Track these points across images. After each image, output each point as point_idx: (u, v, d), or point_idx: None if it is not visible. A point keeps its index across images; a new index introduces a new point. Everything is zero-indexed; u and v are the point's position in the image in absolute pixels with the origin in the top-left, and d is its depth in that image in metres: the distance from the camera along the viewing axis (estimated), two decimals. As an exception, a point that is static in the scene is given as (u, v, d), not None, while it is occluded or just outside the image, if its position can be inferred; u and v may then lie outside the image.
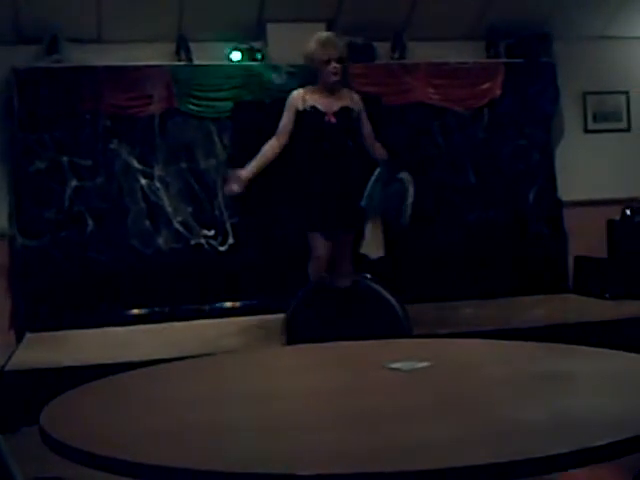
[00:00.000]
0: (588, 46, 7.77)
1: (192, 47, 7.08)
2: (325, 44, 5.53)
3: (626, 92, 7.95)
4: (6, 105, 6.76)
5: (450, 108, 7.46)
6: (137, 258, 6.91)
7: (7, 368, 5.30)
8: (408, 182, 5.59)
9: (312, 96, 5.57)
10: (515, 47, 7.62)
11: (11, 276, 6.87)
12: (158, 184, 6.97)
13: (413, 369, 2.28)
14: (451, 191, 7.47)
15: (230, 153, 7.04)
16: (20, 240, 6.73)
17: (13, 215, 6.83)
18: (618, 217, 7.49)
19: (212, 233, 7.06)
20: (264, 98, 7.03)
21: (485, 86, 7.52)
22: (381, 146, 5.74)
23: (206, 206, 7.06)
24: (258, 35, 7.19)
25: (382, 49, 7.44)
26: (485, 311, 6.68)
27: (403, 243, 7.26)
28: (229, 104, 7.05)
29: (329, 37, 5.65)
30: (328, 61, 5.49)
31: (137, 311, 6.89)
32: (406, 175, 5.60)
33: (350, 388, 2.19)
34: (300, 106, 5.54)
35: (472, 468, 1.53)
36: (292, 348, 2.98)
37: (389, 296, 3.17)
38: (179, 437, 1.83)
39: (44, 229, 6.75)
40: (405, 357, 2.37)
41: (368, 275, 3.35)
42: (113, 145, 6.89)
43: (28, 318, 6.71)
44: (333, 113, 5.54)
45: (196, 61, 7.10)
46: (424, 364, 2.31)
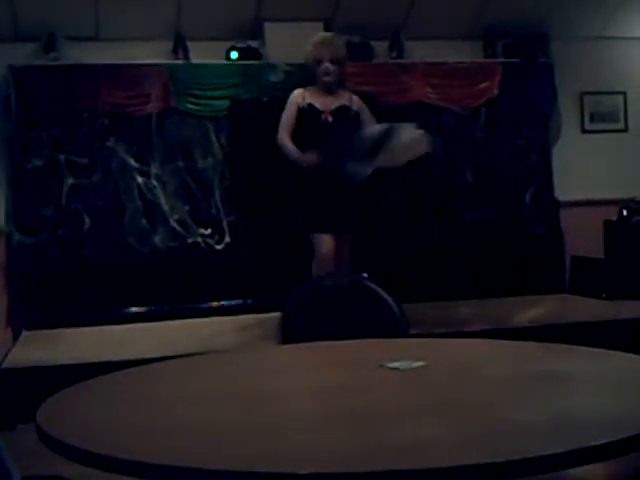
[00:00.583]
0: (586, 46, 7.78)
1: (190, 46, 7.07)
2: (318, 45, 5.54)
3: (624, 92, 7.95)
4: (3, 103, 6.75)
5: (447, 108, 7.46)
6: (134, 256, 6.90)
7: (4, 366, 5.29)
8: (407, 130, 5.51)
9: (311, 95, 5.57)
10: (513, 47, 7.62)
11: (8, 273, 6.86)
12: (155, 182, 6.97)
13: (410, 368, 2.28)
14: (448, 190, 7.47)
15: (227, 152, 7.04)
16: (17, 237, 6.72)
17: (10, 212, 6.82)
18: (615, 217, 7.49)
19: (209, 232, 7.06)
20: (261, 97, 7.03)
21: (482, 86, 7.52)
22: None
23: (203, 205, 7.06)
24: (256, 34, 7.19)
25: (380, 48, 7.43)
26: (482, 311, 6.68)
27: (401, 242, 7.28)
28: (226, 103, 7.04)
29: (324, 38, 5.66)
30: (320, 61, 5.51)
31: (134, 309, 6.88)
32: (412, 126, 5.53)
33: (347, 387, 2.19)
34: (300, 103, 5.54)
35: (469, 467, 1.53)
36: (289, 347, 2.98)
37: (386, 295, 3.17)
38: (176, 436, 1.83)
39: (41, 227, 6.75)
40: (402, 356, 2.37)
41: (365, 274, 3.34)
42: (110, 143, 6.89)
43: (25, 316, 6.71)
44: (330, 112, 5.54)
45: (194, 60, 7.10)
46: (421, 363, 2.31)
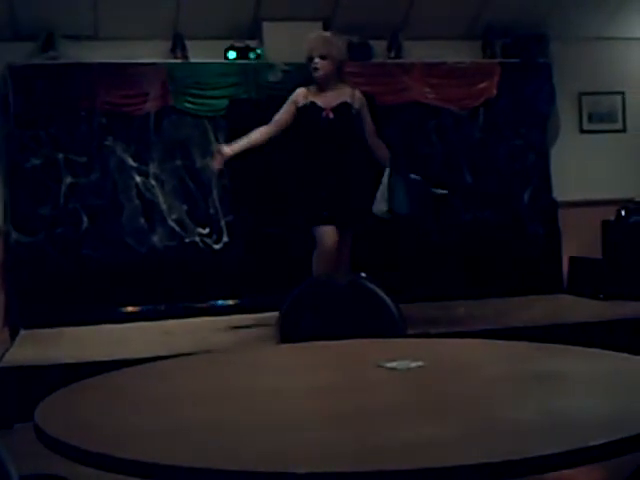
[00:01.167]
0: (584, 47, 7.79)
1: (188, 45, 7.08)
2: (309, 42, 5.58)
3: (622, 93, 7.96)
4: (1, 102, 6.76)
5: (446, 108, 7.47)
6: (132, 256, 6.91)
7: (1, 365, 5.28)
8: (422, 184, 5.59)
9: (313, 94, 5.57)
10: (511, 47, 7.63)
11: (5, 272, 6.86)
12: (153, 182, 6.97)
13: (408, 369, 2.28)
14: (447, 190, 7.47)
15: (226, 151, 7.04)
16: (15, 236, 6.72)
17: (8, 211, 6.83)
18: (613, 218, 7.50)
19: (207, 231, 7.06)
20: (260, 96, 7.04)
21: (481, 86, 7.53)
22: (385, 148, 5.66)
23: (201, 204, 7.06)
24: (254, 33, 7.19)
25: (378, 48, 7.44)
26: (479, 311, 6.69)
27: (399, 242, 7.27)
28: (225, 102, 7.05)
29: (316, 35, 5.69)
30: (311, 58, 5.52)
31: (131, 308, 6.89)
32: (417, 177, 5.60)
33: (345, 387, 2.19)
34: (300, 102, 5.54)
35: (468, 467, 1.53)
36: (286, 347, 2.98)
37: (384, 295, 3.17)
38: (175, 435, 1.83)
39: (39, 225, 6.75)
40: (400, 356, 2.37)
41: (363, 274, 3.35)
42: (108, 142, 6.90)
43: (22, 315, 6.71)
44: (331, 109, 5.53)
45: (192, 59, 7.11)
46: (419, 364, 2.31)
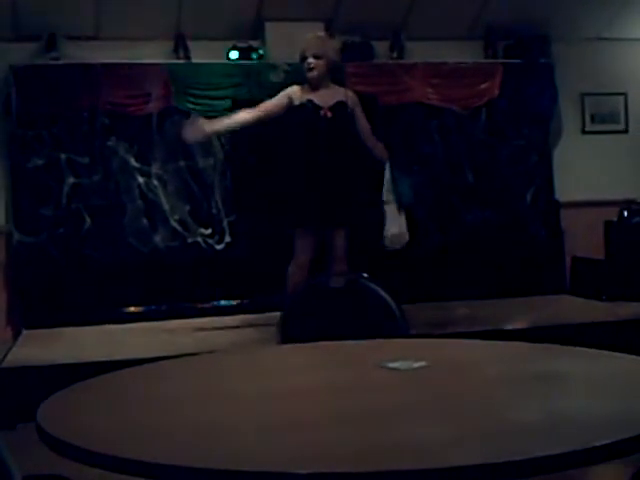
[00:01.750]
0: (586, 47, 7.78)
1: (190, 45, 7.08)
2: (304, 42, 5.61)
3: (624, 94, 7.95)
4: (4, 102, 6.76)
5: (448, 108, 7.46)
6: (134, 256, 6.90)
7: (3, 365, 5.29)
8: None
9: (308, 93, 5.58)
10: (513, 48, 7.63)
11: (8, 272, 6.87)
12: (155, 182, 6.97)
13: (410, 369, 2.28)
14: (448, 191, 7.48)
15: (228, 152, 7.04)
16: (17, 236, 6.72)
17: (10, 211, 6.83)
18: (615, 218, 7.49)
19: (209, 232, 7.06)
20: (262, 97, 6.99)
21: (483, 86, 7.52)
22: (383, 146, 5.68)
23: (203, 204, 7.06)
24: (256, 34, 7.19)
25: (380, 48, 7.44)
26: (482, 311, 6.68)
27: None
28: (227, 102, 7.04)
29: (313, 35, 5.71)
30: (305, 57, 5.54)
31: (134, 309, 6.89)
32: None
33: (347, 387, 2.19)
34: (296, 100, 5.54)
35: (469, 468, 1.53)
36: (288, 347, 2.98)
37: (386, 295, 3.17)
38: (176, 435, 1.83)
39: (41, 226, 6.75)
40: (402, 357, 2.37)
41: (365, 274, 3.34)
42: (111, 143, 6.90)
43: (25, 315, 6.71)
44: (329, 108, 5.55)
45: (194, 59, 7.11)
46: (421, 364, 2.31)
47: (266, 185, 6.82)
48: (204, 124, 5.51)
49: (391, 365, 2.30)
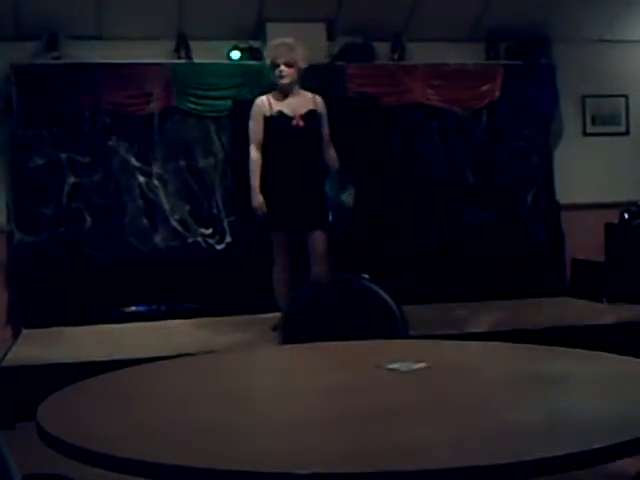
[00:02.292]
0: (588, 49, 7.78)
1: (192, 45, 7.08)
2: (274, 48, 5.70)
3: (625, 95, 7.95)
4: (5, 101, 6.76)
5: (449, 109, 7.46)
6: (134, 255, 6.90)
7: (3, 364, 5.29)
8: (352, 196, 5.72)
9: (276, 102, 5.70)
10: (515, 49, 7.63)
11: (8, 272, 6.87)
12: (156, 182, 6.97)
13: (410, 370, 2.28)
14: (449, 192, 7.47)
15: (228, 152, 7.04)
16: (18, 236, 6.72)
17: (11, 211, 6.83)
18: (616, 220, 7.49)
19: (209, 232, 7.06)
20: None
21: (484, 88, 7.52)
22: (336, 156, 5.83)
23: (204, 204, 7.06)
24: (258, 34, 7.19)
25: (381, 49, 7.44)
26: (482, 313, 6.68)
27: (402, 244, 7.27)
28: (228, 103, 7.05)
29: (280, 42, 5.74)
30: (276, 65, 5.61)
31: (134, 308, 6.89)
32: (352, 190, 5.73)
33: (347, 388, 2.19)
34: (267, 112, 5.65)
35: (470, 469, 1.53)
36: (289, 347, 2.98)
37: (386, 296, 3.17)
38: (177, 435, 1.83)
39: (42, 225, 6.75)
40: (402, 358, 2.37)
41: (366, 275, 3.34)
42: (112, 142, 6.89)
43: (25, 314, 6.71)
44: (300, 117, 5.63)
45: (196, 59, 7.11)
46: (421, 365, 2.31)
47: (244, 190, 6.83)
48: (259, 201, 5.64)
49: (391, 366, 2.30)
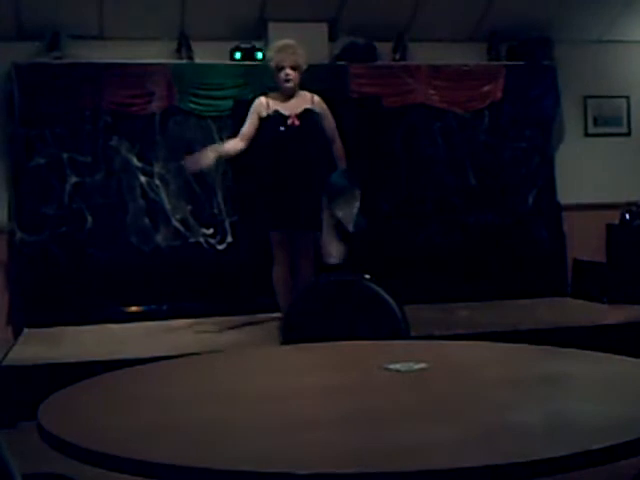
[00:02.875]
0: (589, 50, 7.78)
1: (193, 45, 7.09)
2: (279, 51, 5.69)
3: (627, 96, 7.95)
4: (7, 101, 6.77)
5: (451, 110, 7.46)
6: (136, 255, 6.90)
7: (5, 363, 5.29)
8: (357, 197, 5.71)
9: (274, 102, 5.72)
10: (516, 50, 7.63)
11: (10, 271, 6.87)
12: (158, 182, 6.97)
13: (411, 371, 2.28)
14: (451, 193, 7.47)
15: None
16: (19, 235, 6.72)
17: (12, 210, 6.83)
18: (617, 221, 7.49)
19: (211, 232, 7.06)
20: (265, 97, 7.03)
21: (486, 88, 7.52)
22: (344, 156, 5.82)
23: (205, 205, 7.06)
24: (259, 34, 7.19)
25: (384, 50, 7.44)
26: (483, 313, 6.68)
27: (403, 244, 7.27)
28: (230, 103, 7.05)
29: (285, 44, 5.73)
30: (281, 68, 5.62)
31: (135, 308, 6.89)
32: (357, 191, 5.72)
33: (348, 389, 2.19)
34: (264, 112, 5.69)
35: (470, 469, 1.53)
36: (290, 348, 2.98)
37: (388, 297, 3.17)
38: (177, 434, 1.83)
39: (43, 225, 6.75)
40: (403, 358, 2.37)
41: (367, 276, 3.34)
42: (113, 142, 6.89)
43: (26, 314, 6.71)
44: (296, 115, 5.65)
45: (197, 59, 7.11)
46: (422, 366, 2.31)
47: (243, 190, 6.83)
48: (204, 154, 5.66)
49: (392, 367, 2.30)
